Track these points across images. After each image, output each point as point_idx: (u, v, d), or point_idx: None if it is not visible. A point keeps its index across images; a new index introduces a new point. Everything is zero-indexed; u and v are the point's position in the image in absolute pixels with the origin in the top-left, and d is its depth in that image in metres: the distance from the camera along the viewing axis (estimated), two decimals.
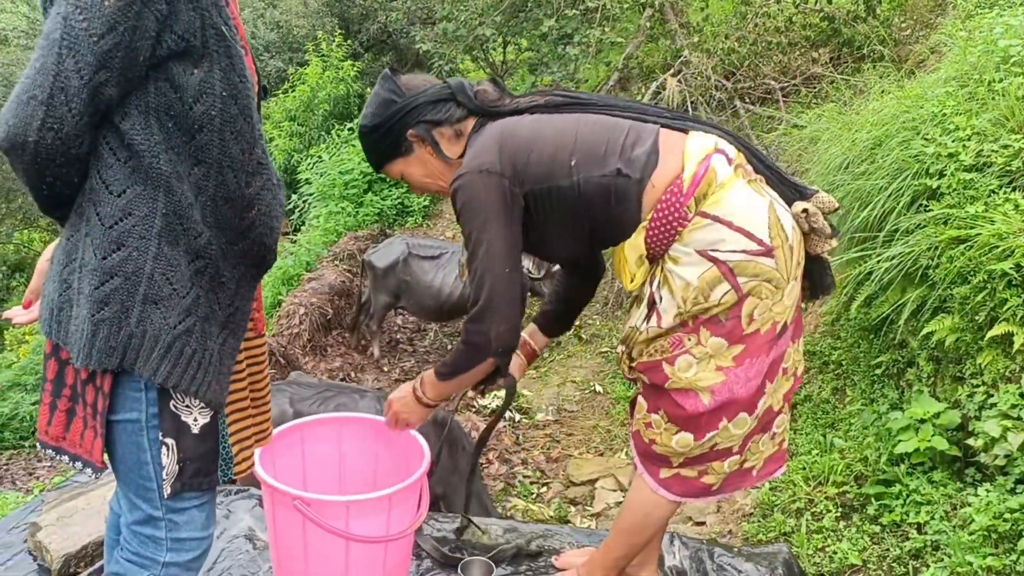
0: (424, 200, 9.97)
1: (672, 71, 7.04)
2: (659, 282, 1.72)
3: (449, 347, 7.21)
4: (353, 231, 8.55)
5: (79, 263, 1.31)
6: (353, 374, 6.50)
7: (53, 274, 1.37)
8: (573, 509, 4.84)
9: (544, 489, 5.01)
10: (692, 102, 6.59)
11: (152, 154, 1.26)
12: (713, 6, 8.03)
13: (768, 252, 1.64)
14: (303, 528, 1.82)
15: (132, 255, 1.28)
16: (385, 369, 6.68)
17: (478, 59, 14.23)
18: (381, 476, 2.16)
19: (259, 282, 1.49)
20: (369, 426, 2.20)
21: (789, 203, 1.74)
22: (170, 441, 1.37)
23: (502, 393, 1.94)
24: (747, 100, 7.00)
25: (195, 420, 1.38)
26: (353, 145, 9.66)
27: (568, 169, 1.68)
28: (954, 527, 2.92)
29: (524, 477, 5.21)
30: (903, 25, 6.85)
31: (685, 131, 1.73)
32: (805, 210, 1.71)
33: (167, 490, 1.38)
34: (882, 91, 4.76)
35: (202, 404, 1.39)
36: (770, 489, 3.70)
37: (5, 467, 6.99)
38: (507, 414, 5.99)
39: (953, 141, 3.48)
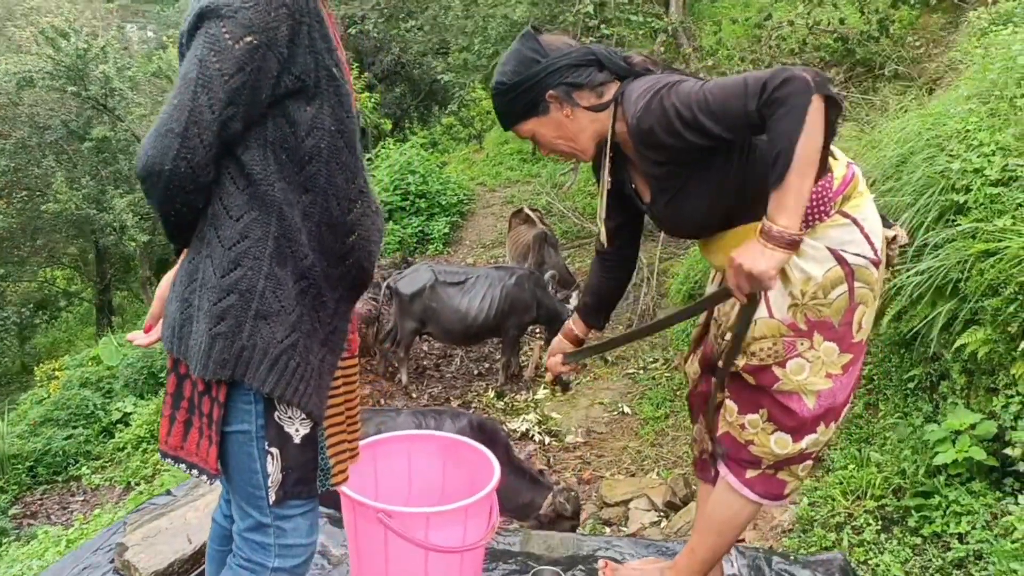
0: (444, 228, 10.11)
1: None
2: None
3: (476, 372, 7.27)
4: None
5: (200, 282, 1.43)
6: (383, 400, 6.57)
7: (175, 295, 1.49)
8: (608, 530, 4.86)
9: None
10: None
11: (268, 183, 1.39)
12: (726, 30, 8.16)
13: (878, 263, 1.73)
14: (384, 540, 1.89)
15: (247, 274, 1.39)
16: (414, 396, 6.75)
17: None
18: (449, 491, 2.23)
19: (355, 304, 1.59)
20: (437, 443, 2.29)
21: None
22: (275, 450, 1.47)
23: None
24: None
25: (296, 430, 1.48)
26: (372, 175, 9.80)
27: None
28: (996, 536, 2.95)
29: None
30: (916, 44, 6.95)
31: None
32: (896, 236, 1.79)
33: (272, 497, 1.48)
34: (903, 109, 4.84)
35: (303, 415, 1.48)
36: (809, 504, 3.73)
37: (40, 502, 7.06)
38: (536, 437, 6.04)
39: (978, 156, 3.56)
